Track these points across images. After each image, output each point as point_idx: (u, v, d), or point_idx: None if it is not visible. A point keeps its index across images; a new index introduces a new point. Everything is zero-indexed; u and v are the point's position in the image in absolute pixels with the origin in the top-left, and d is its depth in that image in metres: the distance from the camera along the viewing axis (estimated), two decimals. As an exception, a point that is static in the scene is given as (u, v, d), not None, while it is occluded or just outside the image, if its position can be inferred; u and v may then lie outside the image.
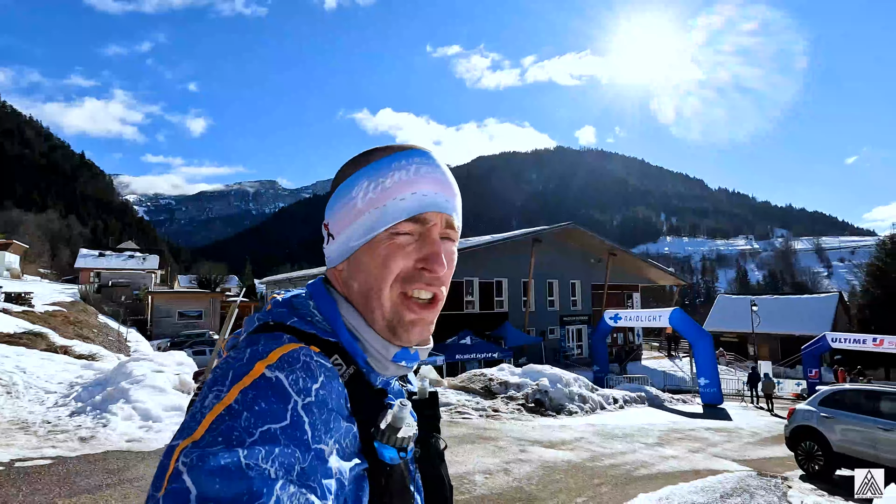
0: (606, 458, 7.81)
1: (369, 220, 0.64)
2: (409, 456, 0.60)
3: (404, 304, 0.63)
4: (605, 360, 23.53)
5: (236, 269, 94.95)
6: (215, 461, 0.42)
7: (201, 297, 37.38)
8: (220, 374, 0.52)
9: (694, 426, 12.14)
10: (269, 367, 0.51)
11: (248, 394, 0.48)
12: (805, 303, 40.50)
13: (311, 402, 0.50)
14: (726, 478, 7.13)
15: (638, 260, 33.67)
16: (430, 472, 0.69)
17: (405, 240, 0.64)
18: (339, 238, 0.67)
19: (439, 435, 0.73)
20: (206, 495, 0.40)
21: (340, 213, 0.67)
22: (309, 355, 0.54)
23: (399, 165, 0.65)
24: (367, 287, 0.64)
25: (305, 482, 0.45)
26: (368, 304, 0.64)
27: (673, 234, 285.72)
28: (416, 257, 0.64)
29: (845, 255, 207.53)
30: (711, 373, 17.41)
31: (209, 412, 0.47)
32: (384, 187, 0.64)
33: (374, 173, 0.65)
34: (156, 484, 0.44)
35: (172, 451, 0.45)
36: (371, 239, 0.64)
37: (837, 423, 7.77)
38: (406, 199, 0.63)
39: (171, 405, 7.00)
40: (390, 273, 0.63)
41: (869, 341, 22.00)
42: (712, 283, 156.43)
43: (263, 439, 0.45)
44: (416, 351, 0.67)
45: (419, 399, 0.73)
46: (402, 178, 0.64)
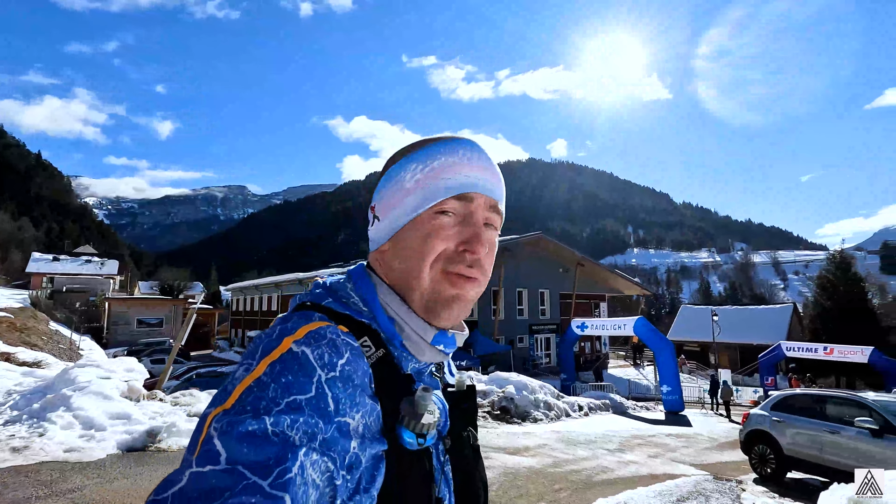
0: (568, 464, 7.83)
1: (415, 198, 0.65)
2: (429, 443, 0.60)
3: (445, 279, 0.64)
4: (573, 367, 23.78)
5: (201, 276, 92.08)
6: (244, 427, 0.46)
7: (162, 304, 36.06)
8: (252, 348, 0.55)
9: (655, 432, 12.35)
10: (295, 342, 0.53)
11: (276, 367, 0.51)
12: (762, 314, 42.11)
13: (336, 376, 0.53)
14: (683, 482, 7.25)
15: (605, 270, 34.35)
16: (462, 466, 0.68)
17: (448, 220, 0.65)
18: (385, 219, 0.68)
19: (475, 429, 0.73)
20: (235, 458, 0.44)
21: (388, 194, 0.68)
22: (336, 333, 0.56)
23: (447, 150, 0.67)
24: (408, 264, 0.65)
25: (327, 451, 0.48)
26: (408, 282, 0.65)
27: (640, 247, 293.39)
28: (457, 239, 0.65)
29: (800, 268, 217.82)
30: (674, 381, 17.81)
31: (239, 383, 0.51)
32: (432, 168, 0.66)
33: (424, 157, 0.67)
34: (190, 447, 0.47)
35: (206, 418, 0.49)
36: (416, 217, 0.65)
37: (788, 427, 8.02)
38: (452, 178, 0.65)
39: (117, 413, 6.63)
40: (432, 250, 0.64)
41: (820, 350, 22.96)
42: (677, 294, 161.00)
43: (289, 409, 0.48)
44: (453, 335, 0.67)
45: (456, 391, 0.73)
46: (450, 160, 0.66)
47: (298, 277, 33.71)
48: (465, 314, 0.68)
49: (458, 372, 0.80)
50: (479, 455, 0.73)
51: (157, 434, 6.47)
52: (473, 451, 0.71)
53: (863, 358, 21.23)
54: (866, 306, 39.22)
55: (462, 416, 0.70)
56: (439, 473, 0.63)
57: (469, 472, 0.69)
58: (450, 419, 0.68)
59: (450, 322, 0.66)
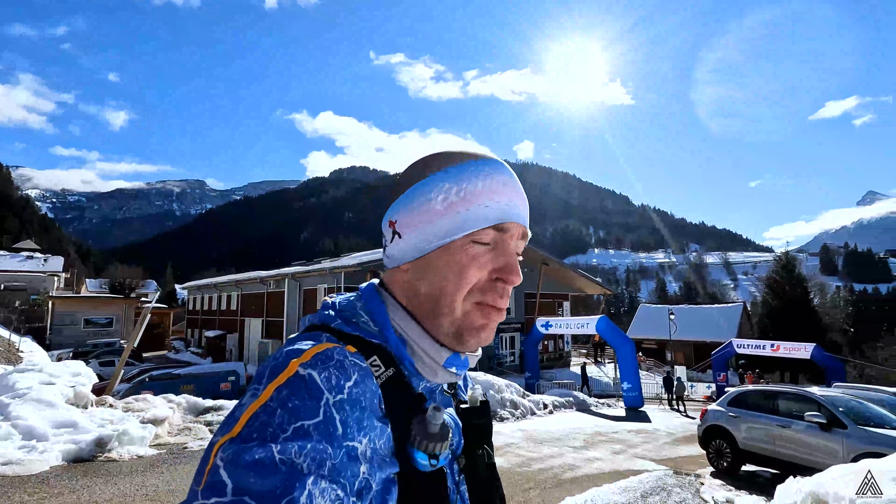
0: (535, 463, 7.90)
1: (449, 223, 0.62)
2: (443, 463, 0.58)
3: (477, 309, 0.63)
4: (537, 366, 24.12)
5: (155, 274, 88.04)
6: (250, 456, 0.45)
7: (112, 303, 34.25)
8: (259, 372, 0.54)
9: (617, 429, 12.66)
10: (302, 365, 0.52)
11: (283, 391, 0.50)
12: (715, 312, 44.08)
13: (343, 399, 0.51)
14: (646, 477, 7.43)
15: (568, 270, 35.01)
16: (477, 485, 0.66)
17: (482, 250, 0.63)
18: (408, 237, 0.64)
19: (490, 446, 0.71)
20: (242, 488, 0.43)
21: (414, 212, 0.64)
22: (343, 354, 0.55)
23: (482, 173, 0.64)
24: (438, 291, 0.63)
25: (336, 478, 0.47)
26: (437, 308, 0.63)
27: (601, 247, 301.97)
28: (491, 268, 0.63)
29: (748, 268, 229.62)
30: (634, 377, 18.33)
31: (246, 409, 0.49)
32: (468, 192, 0.62)
33: (458, 178, 0.63)
34: (197, 478, 0.46)
35: (212, 446, 0.48)
36: (449, 243, 0.62)
37: (742, 421, 8.37)
38: (490, 206, 0.63)
39: (61, 421, 6.19)
40: (467, 283, 0.62)
41: (768, 347, 24.21)
42: (635, 293, 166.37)
43: (296, 435, 0.47)
44: (466, 357, 0.66)
45: (469, 407, 0.70)
46: (486, 186, 0.63)
47: (259, 276, 32.70)
48: (489, 341, 0.66)
49: (472, 387, 0.77)
50: (495, 473, 0.70)
51: (106, 443, 6.09)
52: (489, 469, 0.69)
53: (806, 354, 22.53)
54: (809, 305, 41.64)
55: (476, 433, 0.68)
56: (454, 494, 0.62)
57: (486, 492, 0.67)
58: (464, 437, 0.66)
59: (476, 348, 0.65)
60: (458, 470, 0.64)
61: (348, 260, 26.86)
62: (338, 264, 26.13)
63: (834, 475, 4.04)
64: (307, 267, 29.97)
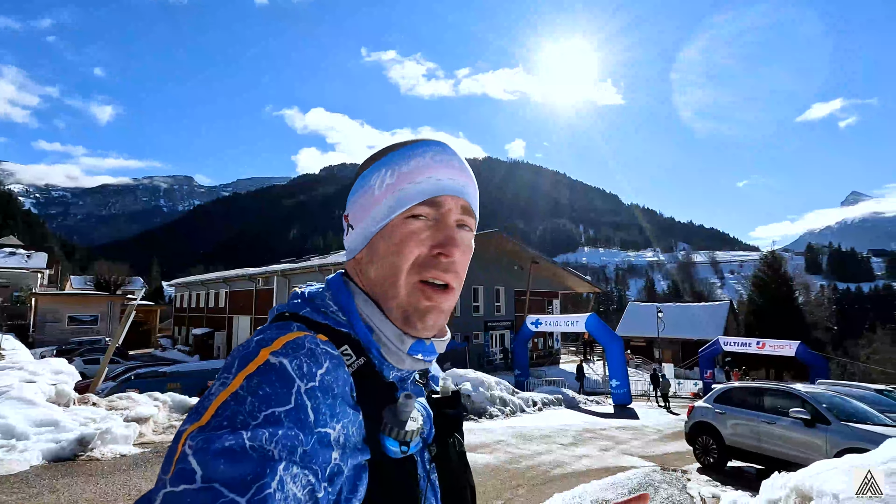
0: (525, 460, 7.92)
1: (386, 205, 0.65)
2: (414, 451, 0.59)
3: (420, 291, 0.64)
4: (527, 363, 24.20)
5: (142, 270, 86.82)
6: (220, 443, 0.44)
7: (97, 300, 33.71)
8: (228, 362, 0.53)
9: (605, 426, 12.75)
10: (273, 354, 0.52)
11: (253, 379, 0.49)
12: (702, 310, 44.54)
13: (315, 386, 0.51)
14: (634, 473, 7.49)
15: (558, 268, 35.17)
16: (448, 473, 0.67)
17: (420, 225, 0.64)
18: (358, 227, 0.68)
19: (461, 435, 0.72)
20: (212, 475, 0.42)
21: (359, 201, 0.67)
22: (315, 343, 0.55)
23: (416, 153, 0.66)
24: (383, 274, 0.65)
25: (308, 464, 0.47)
26: (385, 291, 0.65)
27: (590, 245, 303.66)
28: (431, 243, 0.64)
29: (735, 267, 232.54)
30: (622, 375, 18.47)
31: (215, 398, 0.49)
32: (400, 173, 0.65)
33: (392, 161, 0.66)
34: (164, 467, 0.45)
35: (180, 435, 0.47)
36: (387, 223, 0.65)
37: (729, 418, 8.46)
38: (422, 182, 0.64)
39: (42, 419, 6.06)
40: (405, 259, 0.63)
41: (753, 345, 24.54)
42: (624, 292, 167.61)
43: (267, 422, 0.46)
44: (431, 343, 0.67)
45: (441, 397, 0.71)
46: (418, 164, 0.65)
47: (248, 273, 32.42)
48: (441, 325, 0.67)
49: (443, 378, 0.76)
50: (465, 461, 0.71)
51: (88, 442, 5.97)
52: (460, 458, 0.70)
53: (790, 352, 22.87)
54: (794, 304, 42.39)
55: (447, 422, 0.69)
56: (425, 481, 0.62)
57: (456, 479, 0.67)
58: (435, 426, 0.67)
59: (427, 332, 0.65)
60: (429, 458, 0.64)
61: (338, 257, 26.71)
62: (327, 261, 25.99)
63: (818, 470, 4.09)
64: (296, 264, 29.78)
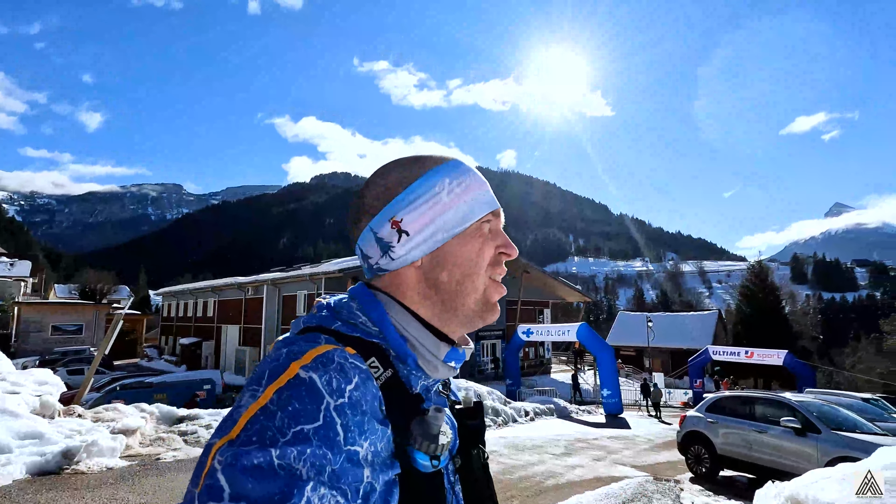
0: (517, 471, 7.87)
1: (459, 212, 0.68)
2: (443, 465, 0.59)
3: (493, 285, 0.70)
4: (518, 373, 24.14)
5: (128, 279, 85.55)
6: (248, 460, 0.44)
7: (82, 309, 33.10)
8: (258, 373, 0.53)
9: (597, 435, 12.73)
10: (303, 368, 0.52)
11: (283, 394, 0.49)
12: (691, 320, 44.90)
13: (344, 403, 0.51)
14: (627, 484, 7.47)
15: (549, 278, 35.29)
16: (472, 484, 0.67)
17: (488, 230, 0.71)
18: (420, 233, 0.67)
19: (483, 446, 0.73)
20: (239, 493, 0.42)
21: (421, 208, 0.68)
22: (344, 357, 0.55)
23: (467, 169, 0.72)
24: (462, 275, 0.67)
25: (336, 484, 0.46)
26: (463, 289, 0.67)
27: (580, 255, 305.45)
28: (495, 245, 0.71)
29: (722, 277, 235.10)
30: (613, 385, 18.49)
31: (245, 411, 0.49)
32: (467, 184, 0.70)
33: (452, 172, 0.70)
34: (194, 480, 0.46)
35: (210, 448, 0.47)
36: (463, 230, 0.68)
37: (720, 427, 8.49)
38: (484, 195, 0.71)
39: (26, 432, 5.91)
40: (485, 260, 0.69)
41: (742, 354, 24.73)
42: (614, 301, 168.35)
43: (296, 439, 0.46)
44: (463, 351, 0.69)
45: (463, 408, 0.73)
46: (476, 178, 0.71)
47: (237, 282, 32.08)
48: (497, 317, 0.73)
49: (465, 388, 0.75)
50: (488, 473, 0.71)
51: (74, 454, 5.83)
52: (483, 470, 0.70)
53: (778, 361, 23.08)
54: (780, 313, 42.86)
55: (470, 433, 0.70)
56: (450, 494, 0.63)
57: (479, 492, 0.68)
58: (458, 437, 0.68)
59: (486, 322, 0.69)
60: (452, 470, 0.65)
61: (329, 266, 26.54)
62: (318, 270, 25.82)
63: (813, 479, 4.11)
64: (286, 273, 29.53)
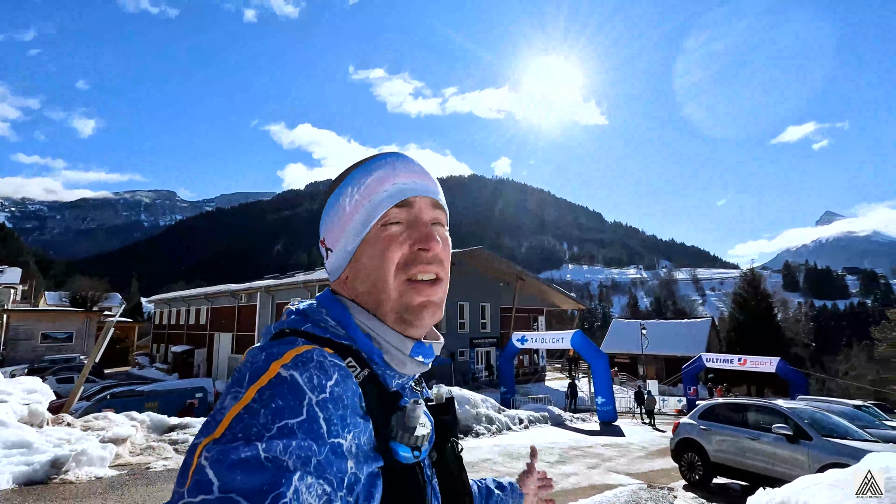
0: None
1: (359, 219, 0.68)
2: (424, 456, 0.61)
3: (411, 289, 0.66)
4: (512, 381, 24.10)
5: (120, 286, 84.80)
6: (236, 455, 0.46)
7: (73, 317, 32.73)
8: (239, 376, 0.55)
9: (592, 443, 12.71)
10: (283, 367, 0.53)
11: (266, 392, 0.51)
12: (684, 327, 45.09)
13: (326, 398, 0.53)
14: (621, 491, 7.46)
15: (543, 285, 35.39)
16: (447, 477, 0.70)
17: (397, 229, 0.68)
18: (336, 249, 0.70)
19: (456, 439, 0.75)
20: (229, 486, 0.44)
21: (332, 223, 0.70)
22: (322, 355, 0.57)
23: (377, 165, 0.70)
24: (371, 283, 0.67)
25: (322, 474, 0.48)
26: (377, 298, 0.67)
27: (574, 262, 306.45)
28: (409, 242, 0.67)
29: (716, 285, 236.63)
30: (608, 392, 18.49)
31: (228, 411, 0.50)
32: (366, 185, 0.68)
33: (356, 178, 0.69)
34: (180, 479, 0.47)
35: (195, 448, 0.48)
36: (365, 236, 0.68)
37: (713, 434, 8.51)
38: (388, 189, 0.68)
39: (13, 441, 5.82)
40: (390, 262, 0.66)
41: (735, 361, 24.83)
42: (608, 309, 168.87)
43: (281, 434, 0.48)
44: (430, 345, 0.70)
45: (436, 404, 0.75)
46: (382, 174, 0.69)
47: (231, 289, 31.92)
48: (437, 318, 0.69)
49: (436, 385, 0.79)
50: (462, 465, 0.74)
51: (62, 464, 5.76)
52: (457, 462, 0.73)
53: (771, 368, 23.20)
54: (773, 321, 43.12)
55: (443, 428, 0.71)
56: (429, 486, 0.64)
57: (454, 483, 0.70)
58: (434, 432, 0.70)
59: (424, 329, 0.68)
60: (429, 464, 0.67)
61: (322, 273, 26.46)
62: (312, 277, 25.76)
63: (804, 485, 4.14)
64: (280, 280, 29.45)
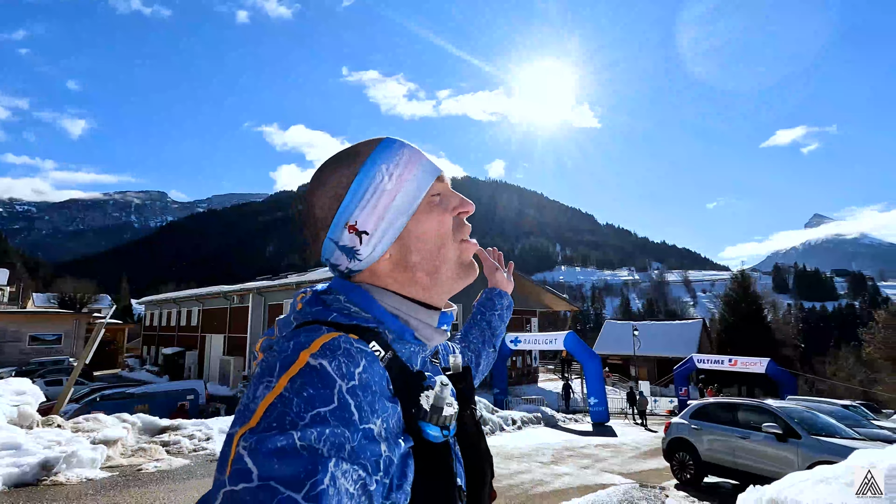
0: (504, 479, 7.87)
1: (408, 193, 0.69)
2: (452, 434, 0.63)
3: (464, 248, 0.73)
4: (505, 382, 24.16)
5: (110, 288, 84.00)
6: (272, 443, 0.47)
7: (61, 319, 32.34)
8: (268, 366, 0.56)
9: (584, 443, 12.78)
10: (312, 356, 0.54)
11: (296, 381, 0.52)
12: (676, 328, 45.42)
13: (355, 385, 0.54)
14: (613, 491, 7.51)
15: (536, 286, 35.50)
16: (468, 443, 0.72)
17: (438, 199, 0.72)
18: (378, 228, 0.68)
19: (474, 406, 0.77)
20: (267, 474, 0.45)
21: (371, 203, 0.68)
22: (349, 342, 0.58)
23: (399, 146, 0.71)
24: (430, 250, 0.70)
25: (356, 460, 0.50)
26: (437, 261, 0.70)
27: (567, 264, 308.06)
28: (451, 207, 0.73)
29: (707, 286, 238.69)
30: (600, 393, 18.59)
31: (261, 401, 0.51)
32: (405, 162, 0.70)
33: (387, 156, 0.70)
34: (220, 467, 0.49)
35: (231, 438, 0.50)
36: (416, 209, 0.70)
37: (704, 434, 8.60)
38: (423, 165, 0.71)
39: (3, 443, 5.76)
40: (447, 228, 0.71)
41: (726, 362, 25.09)
42: (601, 310, 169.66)
43: (314, 422, 0.49)
44: (451, 312, 0.75)
45: (453, 373, 0.78)
46: (410, 153, 0.71)
47: (223, 290, 31.71)
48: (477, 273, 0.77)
49: (453, 355, 0.83)
50: (480, 430, 0.76)
51: (52, 465, 5.71)
52: (475, 427, 0.75)
53: (761, 369, 23.46)
54: (763, 322, 43.52)
55: (461, 395, 0.73)
56: (453, 455, 0.66)
57: (475, 448, 0.73)
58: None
59: (473, 278, 0.74)
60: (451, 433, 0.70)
61: (316, 274, 26.38)
62: (305, 279, 25.64)
63: (791, 482, 4.20)
64: (273, 281, 29.29)
